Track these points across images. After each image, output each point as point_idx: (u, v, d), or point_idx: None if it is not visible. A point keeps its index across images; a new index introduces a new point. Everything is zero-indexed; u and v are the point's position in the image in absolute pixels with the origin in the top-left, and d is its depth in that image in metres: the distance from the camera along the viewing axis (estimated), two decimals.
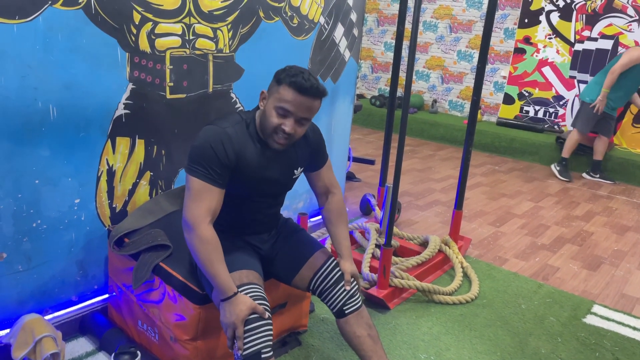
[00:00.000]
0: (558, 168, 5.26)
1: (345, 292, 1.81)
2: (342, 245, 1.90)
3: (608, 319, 2.61)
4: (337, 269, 1.84)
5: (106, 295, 2.19)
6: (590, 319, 2.59)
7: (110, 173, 2.09)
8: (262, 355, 1.57)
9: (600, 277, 3.10)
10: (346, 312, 1.79)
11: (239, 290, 1.62)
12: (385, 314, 2.46)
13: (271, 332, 1.61)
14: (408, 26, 5.63)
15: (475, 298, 2.68)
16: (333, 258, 1.87)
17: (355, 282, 1.86)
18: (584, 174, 5.32)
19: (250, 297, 1.61)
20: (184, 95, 2.25)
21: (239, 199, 1.77)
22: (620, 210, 4.40)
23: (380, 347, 1.80)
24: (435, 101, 7.03)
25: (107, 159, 2.06)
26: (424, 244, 3.08)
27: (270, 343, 1.60)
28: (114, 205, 2.13)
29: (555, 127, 6.20)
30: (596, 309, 2.70)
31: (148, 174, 2.22)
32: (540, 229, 3.82)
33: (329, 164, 1.96)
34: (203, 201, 1.59)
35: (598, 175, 5.25)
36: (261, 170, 1.72)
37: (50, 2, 1.73)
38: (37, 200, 1.87)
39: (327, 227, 1.97)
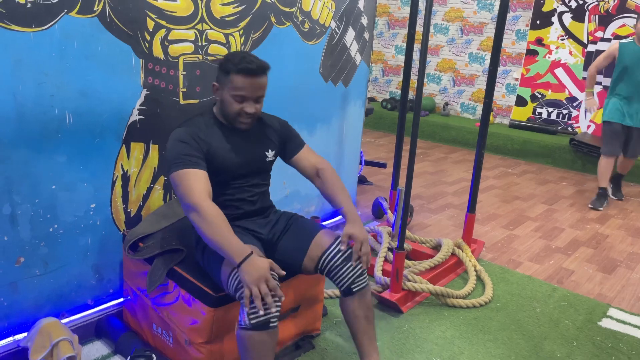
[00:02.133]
0: (596, 199, 4.46)
1: (353, 271, 1.81)
2: (344, 209, 1.91)
3: (624, 323, 2.58)
4: (346, 249, 1.84)
5: (121, 299, 2.22)
6: (606, 323, 2.56)
7: (125, 178, 2.11)
8: (270, 324, 1.58)
9: (615, 280, 3.06)
10: (354, 290, 1.82)
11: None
12: (399, 318, 2.46)
13: (279, 303, 1.62)
14: (419, 29, 5.64)
15: (489, 301, 2.67)
16: (340, 236, 1.87)
17: (360, 260, 1.83)
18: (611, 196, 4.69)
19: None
20: (197, 101, 2.27)
21: (223, 184, 1.85)
22: (636, 213, 4.35)
23: (372, 328, 1.88)
24: (447, 104, 7.00)
25: (121, 164, 2.08)
26: (437, 248, 3.07)
27: (278, 314, 1.61)
28: (128, 210, 2.16)
29: (569, 128, 6.14)
30: (612, 312, 2.67)
31: (162, 179, 2.25)
32: (555, 232, 3.79)
33: (307, 147, 2.05)
34: (194, 184, 1.67)
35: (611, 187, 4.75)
36: (232, 152, 1.84)
37: (66, 11, 1.76)
38: (53, 206, 1.90)
39: (327, 198, 2.00)
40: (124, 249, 2.05)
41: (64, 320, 2.03)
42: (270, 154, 1.96)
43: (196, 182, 1.68)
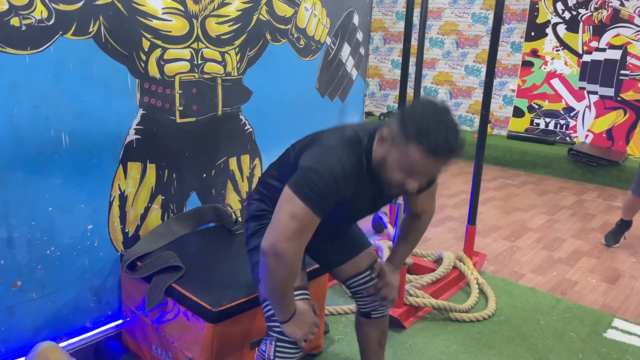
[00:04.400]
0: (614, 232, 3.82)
1: (378, 302, 1.82)
2: (396, 256, 1.84)
3: (629, 333, 2.55)
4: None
5: (120, 321, 2.19)
6: (611, 334, 2.53)
7: (123, 198, 2.10)
8: None
9: (619, 291, 3.03)
10: (372, 316, 1.85)
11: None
12: (401, 333, 2.43)
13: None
14: (414, 43, 5.67)
15: (493, 315, 2.64)
16: (377, 262, 1.83)
17: (388, 302, 1.82)
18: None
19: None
20: (193, 119, 2.27)
21: (325, 225, 1.52)
22: (638, 222, 4.32)
23: (383, 352, 1.92)
24: None
25: (119, 184, 2.07)
26: (438, 261, 3.04)
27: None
28: (126, 230, 2.14)
29: (567, 138, 6.15)
30: (617, 323, 2.64)
31: (160, 198, 2.24)
32: (556, 243, 3.76)
33: (432, 190, 1.73)
34: (305, 235, 1.42)
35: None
36: (367, 202, 1.61)
37: (61, 33, 1.77)
38: (50, 228, 1.88)
39: (397, 238, 1.87)
40: (122, 269, 2.03)
41: (62, 344, 2.01)
42: (400, 197, 1.82)
43: (308, 234, 1.42)
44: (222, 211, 2.38)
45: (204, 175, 2.40)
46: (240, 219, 2.40)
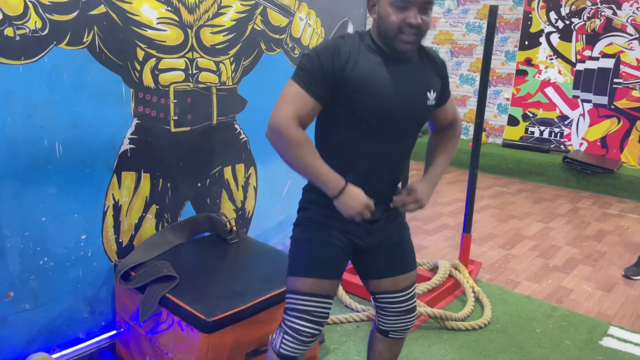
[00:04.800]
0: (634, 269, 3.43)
1: (400, 324, 1.71)
2: (429, 169, 1.68)
3: (625, 341, 2.54)
4: (412, 301, 1.71)
5: (114, 332, 2.17)
6: (607, 342, 2.53)
7: (117, 208, 2.09)
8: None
9: (615, 298, 3.03)
10: (389, 335, 1.74)
11: (307, 297, 1.54)
12: None
13: (310, 346, 1.59)
14: None
15: (489, 323, 2.63)
16: (415, 285, 1.73)
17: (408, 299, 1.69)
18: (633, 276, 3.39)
19: (314, 313, 1.54)
20: (188, 128, 2.27)
21: (358, 134, 1.48)
22: (632, 229, 4.34)
23: None
24: None
25: (113, 194, 2.07)
26: (434, 269, 3.04)
27: (304, 354, 1.60)
28: (120, 240, 2.13)
29: (562, 147, 6.18)
30: (612, 330, 2.63)
31: (154, 208, 2.23)
32: (552, 250, 3.77)
33: (452, 99, 1.70)
34: (293, 105, 1.41)
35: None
36: (382, 83, 1.44)
37: (55, 43, 1.77)
38: (43, 238, 1.87)
39: (429, 154, 1.73)
40: (116, 279, 2.02)
41: (55, 355, 1.99)
42: (432, 95, 1.54)
43: (297, 104, 1.41)
44: (217, 220, 2.37)
45: (199, 184, 2.40)
46: (235, 228, 2.39)
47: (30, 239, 1.84)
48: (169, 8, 2.09)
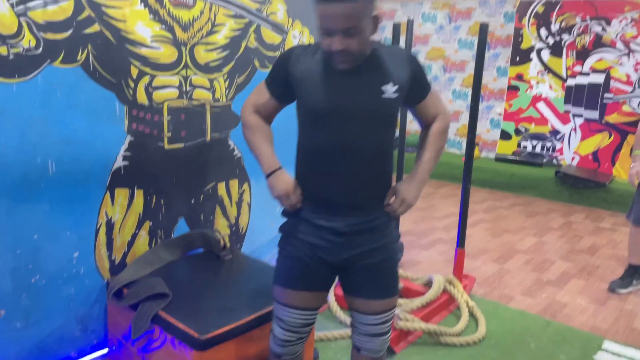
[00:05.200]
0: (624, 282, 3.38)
1: (371, 344, 1.66)
2: (419, 165, 1.65)
3: (619, 355, 2.54)
4: (383, 326, 1.64)
5: (106, 350, 2.15)
6: (601, 356, 2.53)
7: (109, 225, 2.09)
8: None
9: (608, 312, 3.04)
10: (362, 352, 1.69)
11: (280, 305, 1.64)
12: (392, 359, 2.41)
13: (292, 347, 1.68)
14: None
15: (483, 338, 2.63)
16: (391, 312, 1.65)
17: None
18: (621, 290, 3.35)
19: (286, 321, 1.64)
20: (182, 145, 2.27)
21: (310, 131, 1.54)
22: (625, 243, 4.35)
23: None
24: None
25: (106, 211, 2.06)
26: (428, 284, 3.04)
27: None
28: (113, 257, 2.12)
29: (554, 161, 6.22)
30: (607, 345, 2.64)
31: (147, 224, 2.22)
32: (546, 264, 3.78)
33: (432, 94, 1.62)
34: (254, 95, 1.67)
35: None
36: (322, 80, 1.49)
37: (49, 61, 1.78)
38: (35, 256, 1.86)
39: (417, 149, 1.71)
40: (108, 297, 2.01)
41: None
42: (390, 88, 1.48)
43: (256, 95, 1.66)
44: (211, 237, 2.37)
45: (192, 200, 2.40)
46: (228, 245, 2.39)
47: (22, 257, 1.83)
48: (163, 26, 2.11)
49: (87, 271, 2.04)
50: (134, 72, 2.04)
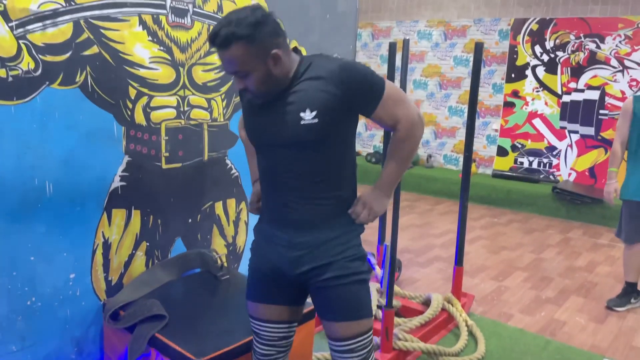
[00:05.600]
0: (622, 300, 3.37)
1: None
2: (382, 176, 1.63)
3: None
4: (352, 355, 1.56)
5: None
6: None
7: (106, 245, 2.08)
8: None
9: (607, 330, 3.03)
10: None
11: (251, 319, 1.71)
12: None
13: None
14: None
15: (482, 358, 2.61)
16: (360, 341, 1.56)
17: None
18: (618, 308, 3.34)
19: (259, 334, 1.69)
20: (179, 165, 2.28)
21: (260, 161, 1.62)
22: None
23: None
24: (430, 156, 7.11)
25: (102, 232, 2.06)
26: (427, 303, 3.02)
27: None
28: (109, 278, 2.11)
29: (551, 177, 6.25)
30: None
31: (144, 245, 2.21)
32: (544, 282, 3.77)
33: (385, 102, 1.49)
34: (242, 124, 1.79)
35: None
36: (252, 108, 1.57)
37: (47, 83, 1.78)
38: (32, 277, 1.85)
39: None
40: (105, 319, 1.99)
41: None
42: (308, 115, 1.44)
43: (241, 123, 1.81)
44: (208, 257, 2.35)
45: (190, 220, 2.39)
46: (225, 264, 2.38)
47: (18, 279, 1.81)
48: (161, 47, 2.12)
49: (84, 293, 2.03)
50: (132, 92, 2.05)
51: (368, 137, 7.90)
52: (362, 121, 7.88)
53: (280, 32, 1.45)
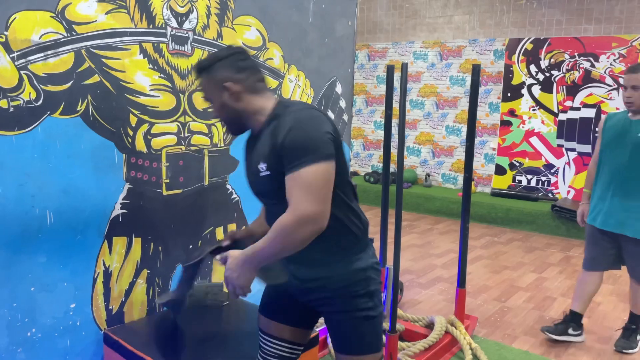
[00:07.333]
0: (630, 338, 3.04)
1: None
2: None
3: None
4: None
5: None
6: None
7: (107, 274, 2.06)
8: None
9: (612, 351, 2.99)
10: None
11: (259, 333, 1.72)
12: None
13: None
14: (396, 105, 5.83)
15: None
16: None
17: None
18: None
19: (263, 349, 1.70)
20: (180, 191, 2.27)
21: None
22: (625, 277, 4.32)
23: None
24: (428, 175, 7.12)
25: (103, 260, 2.04)
26: (430, 326, 2.99)
27: None
28: (110, 307, 2.09)
29: (550, 195, 6.25)
30: None
31: (145, 272, 2.20)
32: (547, 302, 3.74)
33: (294, 177, 1.37)
34: None
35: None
36: (245, 160, 1.64)
37: (49, 112, 1.79)
38: (32, 308, 1.83)
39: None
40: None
41: None
42: (262, 167, 1.45)
43: None
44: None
45: (190, 246, 2.37)
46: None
47: (18, 310, 1.79)
48: (162, 75, 2.13)
49: (84, 322, 2.00)
50: (133, 120, 2.06)
51: (366, 157, 7.91)
52: (359, 141, 7.90)
53: (245, 69, 1.53)
